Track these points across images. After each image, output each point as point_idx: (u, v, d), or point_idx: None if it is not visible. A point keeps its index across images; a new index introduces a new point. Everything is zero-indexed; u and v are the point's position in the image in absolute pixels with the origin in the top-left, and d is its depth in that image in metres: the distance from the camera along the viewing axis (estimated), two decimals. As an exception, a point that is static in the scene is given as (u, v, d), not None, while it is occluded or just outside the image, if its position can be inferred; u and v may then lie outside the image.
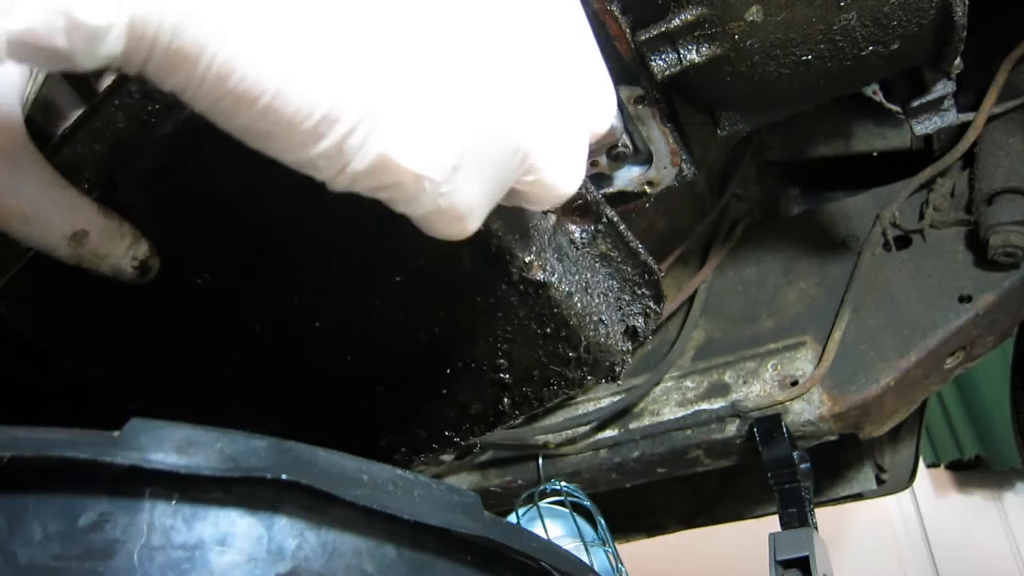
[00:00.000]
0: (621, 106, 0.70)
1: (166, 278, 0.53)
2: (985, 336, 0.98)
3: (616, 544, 1.02)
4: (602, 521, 1.00)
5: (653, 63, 0.67)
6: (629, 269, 0.63)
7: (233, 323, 0.59)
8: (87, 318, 0.59)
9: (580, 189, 0.59)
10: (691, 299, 1.13)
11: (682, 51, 0.67)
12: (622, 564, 0.98)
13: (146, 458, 0.34)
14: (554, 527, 1.02)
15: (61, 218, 0.46)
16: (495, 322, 0.58)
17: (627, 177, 0.76)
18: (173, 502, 0.34)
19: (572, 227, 0.61)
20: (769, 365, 1.02)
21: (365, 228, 0.52)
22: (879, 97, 0.92)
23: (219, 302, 0.58)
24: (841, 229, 1.08)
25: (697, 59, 0.66)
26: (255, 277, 0.57)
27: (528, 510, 1.02)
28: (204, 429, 0.35)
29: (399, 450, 0.67)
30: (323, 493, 0.36)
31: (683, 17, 0.65)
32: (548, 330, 0.58)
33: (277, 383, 0.63)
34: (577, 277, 0.60)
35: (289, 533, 0.36)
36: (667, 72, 0.67)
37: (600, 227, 0.61)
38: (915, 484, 1.35)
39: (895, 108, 0.86)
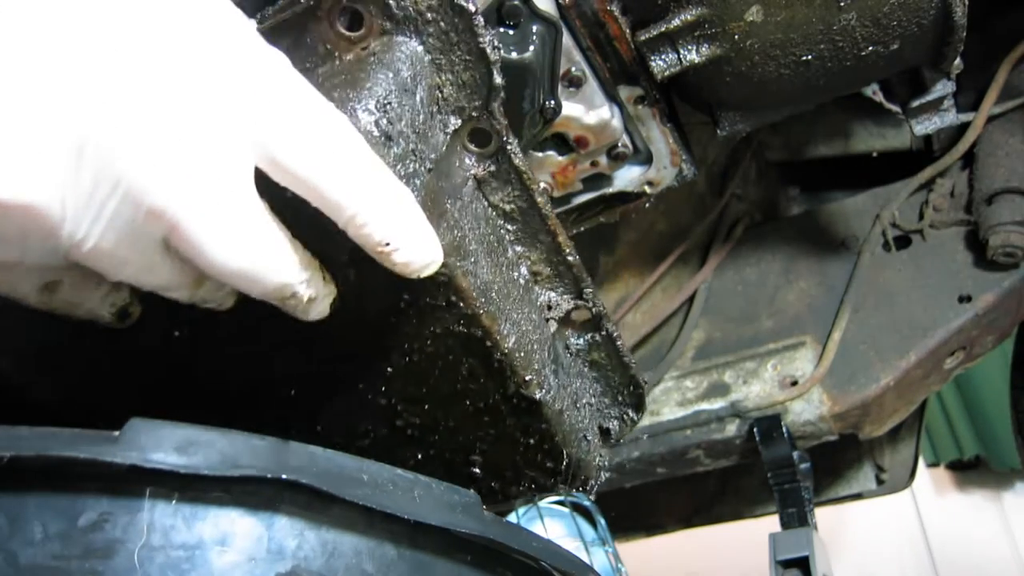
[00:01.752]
0: (621, 106, 0.70)
1: (142, 322, 0.50)
2: (985, 336, 0.98)
3: (616, 544, 1.02)
4: (602, 521, 1.00)
5: (653, 63, 0.67)
6: (617, 378, 0.65)
7: (204, 375, 0.58)
8: (43, 338, 0.55)
9: (587, 302, 0.61)
10: (691, 299, 1.13)
11: (682, 51, 0.67)
12: (622, 564, 0.98)
13: (146, 458, 0.34)
14: (554, 527, 1.02)
15: (31, 268, 0.41)
16: (480, 424, 0.58)
17: (627, 177, 0.76)
18: (173, 502, 0.34)
19: (571, 336, 0.64)
20: (769, 365, 1.02)
21: (362, 316, 0.50)
22: (879, 97, 0.92)
23: (193, 354, 0.56)
24: (841, 229, 1.08)
25: (697, 59, 0.66)
26: (238, 345, 0.55)
27: (528, 510, 1.02)
28: (204, 429, 0.35)
29: None
30: (323, 493, 0.36)
31: (683, 17, 0.65)
32: (532, 441, 0.60)
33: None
34: (568, 390, 0.62)
35: (289, 533, 0.36)
36: (667, 72, 0.67)
37: (599, 338, 0.63)
38: (915, 484, 1.35)
39: (895, 108, 0.86)
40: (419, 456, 0.60)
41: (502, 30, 0.60)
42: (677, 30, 0.65)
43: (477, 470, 0.62)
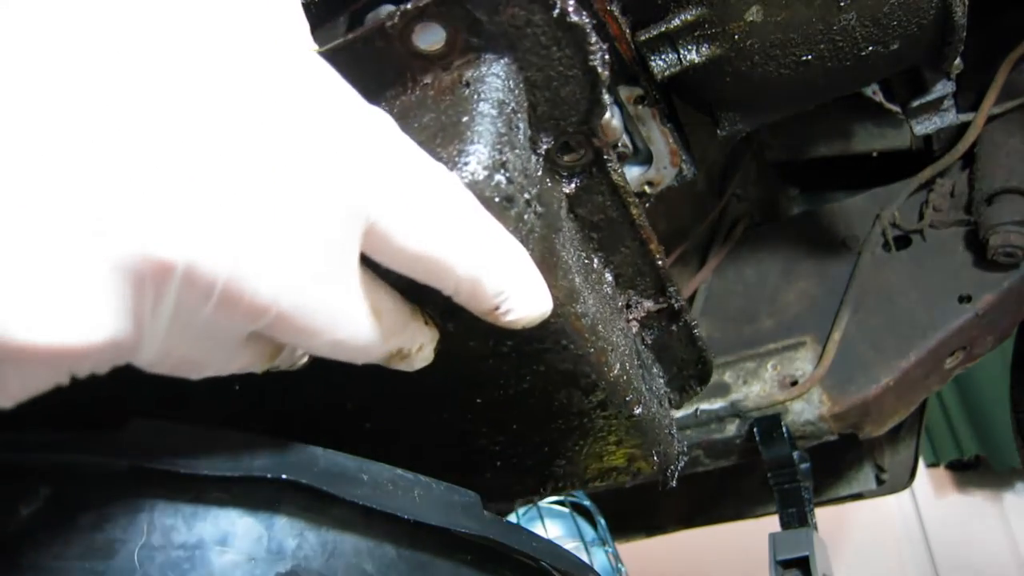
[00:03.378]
0: (621, 106, 0.70)
1: None
2: (985, 336, 0.98)
3: (616, 544, 1.02)
4: (602, 521, 1.00)
5: (653, 63, 0.67)
6: (684, 356, 0.63)
7: (274, 407, 0.54)
8: None
9: (670, 298, 0.58)
10: (691, 299, 1.13)
11: (682, 51, 0.67)
12: (622, 564, 0.98)
13: (146, 458, 0.34)
14: (554, 527, 1.02)
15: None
16: (569, 437, 0.56)
17: (627, 177, 0.76)
18: (173, 502, 0.34)
19: (647, 331, 0.62)
20: (769, 365, 1.02)
21: (454, 360, 0.46)
22: (879, 97, 0.92)
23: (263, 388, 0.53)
24: (841, 229, 1.08)
25: (697, 59, 0.66)
26: (312, 381, 0.53)
27: (528, 510, 1.02)
28: (204, 429, 0.35)
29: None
30: (323, 493, 0.36)
31: (683, 17, 0.65)
32: (621, 448, 0.57)
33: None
34: (654, 390, 0.60)
35: (289, 533, 0.36)
36: (667, 72, 0.67)
37: (675, 328, 0.61)
38: (915, 484, 1.35)
39: (895, 108, 0.86)
40: (498, 464, 0.58)
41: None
42: (677, 30, 0.65)
43: (559, 469, 0.59)
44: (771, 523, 0.97)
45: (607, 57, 0.45)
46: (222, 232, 0.28)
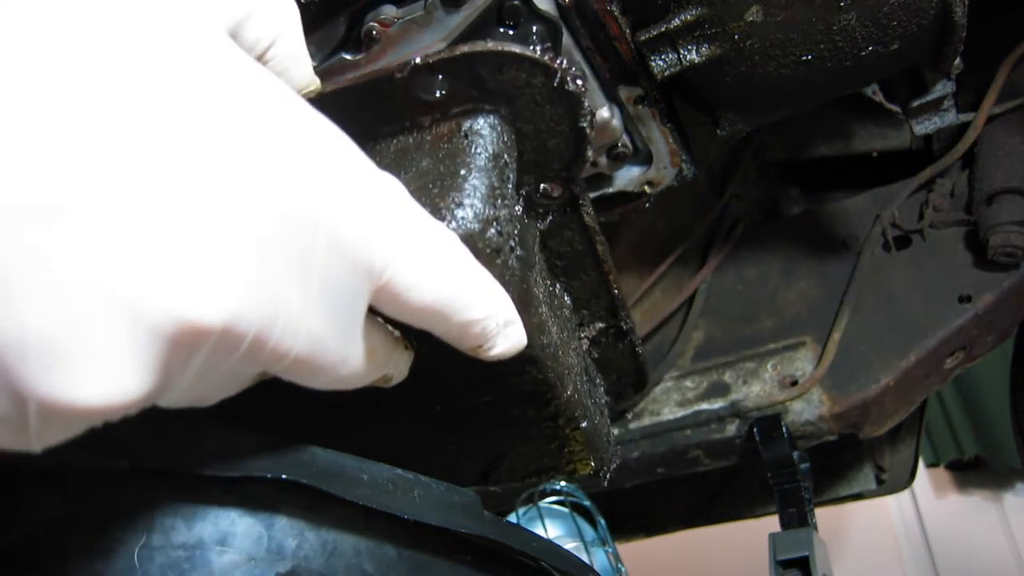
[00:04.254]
0: (621, 106, 0.70)
1: None
2: (985, 336, 0.98)
3: (616, 544, 1.02)
4: (602, 521, 1.00)
5: (653, 63, 0.67)
6: (624, 367, 0.67)
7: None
8: None
9: (620, 321, 0.62)
10: (691, 299, 1.13)
11: (682, 51, 0.67)
12: (622, 564, 0.98)
13: (146, 458, 0.34)
14: (554, 527, 1.02)
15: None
16: (518, 442, 0.59)
17: (627, 177, 0.76)
18: (173, 502, 0.34)
19: (594, 347, 0.66)
20: (769, 365, 1.02)
21: (422, 377, 0.48)
22: (879, 97, 0.92)
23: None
24: (841, 229, 1.08)
25: (697, 59, 0.66)
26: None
27: (528, 510, 1.02)
28: (204, 429, 0.35)
29: None
30: (323, 493, 0.36)
31: (683, 17, 0.65)
32: (565, 451, 0.61)
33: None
34: (596, 401, 0.64)
35: (289, 533, 0.36)
36: (667, 72, 0.67)
37: (621, 346, 0.65)
38: (915, 484, 1.35)
39: (895, 108, 0.86)
40: (445, 460, 0.61)
41: (502, 30, 0.60)
42: (677, 30, 0.65)
43: (504, 466, 0.63)
44: (771, 523, 0.97)
45: (594, 119, 0.49)
46: (254, 293, 0.30)
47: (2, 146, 0.25)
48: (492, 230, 0.44)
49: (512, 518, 1.01)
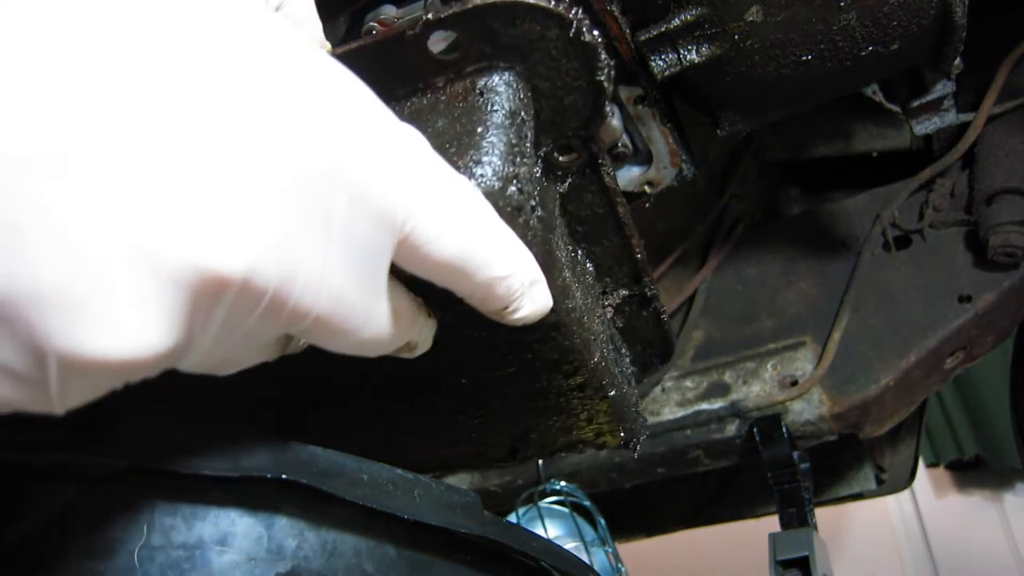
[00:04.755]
0: (621, 106, 0.70)
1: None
2: (985, 336, 0.98)
3: (616, 544, 1.02)
4: (602, 521, 1.00)
5: (653, 63, 0.67)
6: (649, 336, 0.65)
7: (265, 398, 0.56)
8: None
9: (644, 287, 0.61)
10: (691, 299, 1.13)
11: (682, 51, 0.67)
12: (622, 564, 0.98)
13: (146, 458, 0.34)
14: (554, 527, 1.02)
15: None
16: (544, 414, 0.58)
17: (627, 177, 0.76)
18: (173, 502, 0.34)
19: (618, 315, 0.64)
20: (769, 365, 1.02)
21: (445, 350, 0.47)
22: (879, 97, 0.92)
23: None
24: (841, 229, 1.08)
25: (697, 59, 0.66)
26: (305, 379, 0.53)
27: (528, 510, 1.02)
28: (204, 429, 0.35)
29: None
30: (323, 493, 0.36)
31: (683, 17, 0.65)
32: (592, 422, 0.59)
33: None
34: (624, 371, 0.62)
35: (289, 533, 0.36)
36: (667, 72, 0.67)
37: (646, 313, 0.63)
38: (915, 484, 1.35)
39: (895, 108, 0.86)
40: (472, 436, 0.60)
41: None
42: (677, 30, 0.65)
43: (531, 439, 0.61)
44: (771, 523, 0.97)
45: (612, 72, 0.46)
46: (276, 246, 0.29)
47: (11, 90, 0.25)
48: (512, 187, 0.43)
49: (512, 518, 1.01)
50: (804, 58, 0.65)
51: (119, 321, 0.26)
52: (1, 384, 0.26)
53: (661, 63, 0.67)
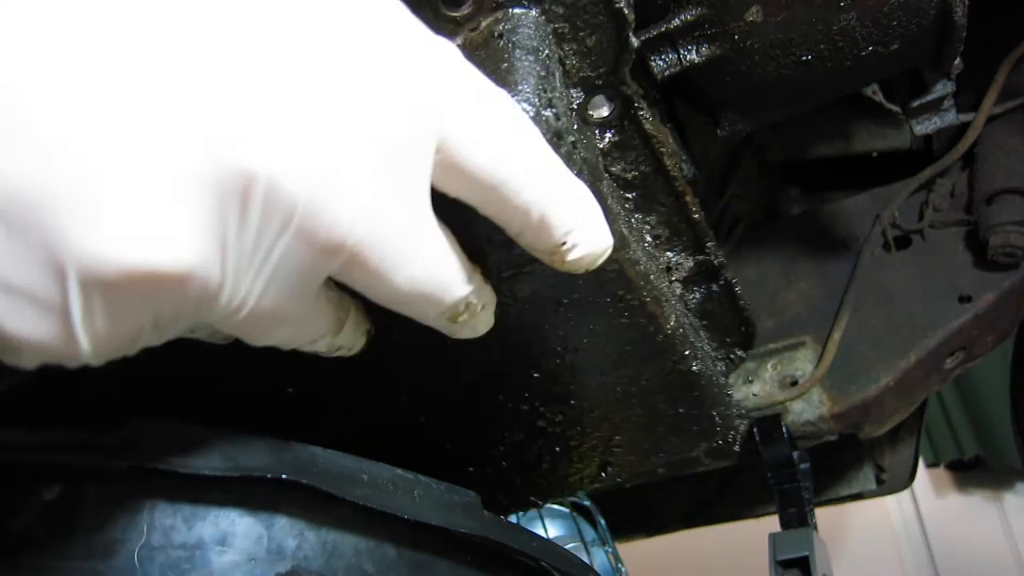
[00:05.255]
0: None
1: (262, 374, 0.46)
2: (985, 336, 0.98)
3: (616, 544, 1.02)
4: (602, 521, 1.00)
5: (653, 63, 0.67)
6: (727, 321, 0.61)
7: (332, 416, 0.53)
8: None
9: (709, 256, 0.55)
10: (691, 299, 1.12)
11: (682, 51, 0.67)
12: (622, 564, 0.98)
13: (146, 458, 0.34)
14: (554, 527, 1.02)
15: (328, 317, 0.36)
16: (628, 407, 0.54)
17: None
18: (173, 502, 0.34)
19: (687, 292, 0.59)
20: (769, 365, 1.02)
21: (508, 328, 0.45)
22: (879, 97, 0.92)
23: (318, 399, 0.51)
24: (841, 229, 1.08)
25: (697, 59, 0.66)
26: (364, 384, 0.50)
27: (528, 510, 1.02)
28: (204, 429, 0.35)
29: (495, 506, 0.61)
30: (323, 493, 0.36)
31: (683, 17, 0.65)
32: (681, 411, 0.56)
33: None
34: (704, 349, 0.58)
35: (289, 533, 0.36)
36: (667, 72, 0.67)
37: (716, 287, 0.59)
38: (915, 484, 1.35)
39: (895, 108, 0.86)
40: (556, 449, 0.56)
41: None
42: (677, 30, 0.65)
43: (619, 449, 0.58)
44: (771, 523, 0.97)
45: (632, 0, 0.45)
46: (301, 147, 0.27)
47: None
48: (548, 112, 0.40)
49: (512, 518, 1.01)
50: (804, 58, 0.65)
51: (142, 222, 0.24)
52: (23, 317, 0.24)
53: (661, 63, 0.67)
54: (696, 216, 0.55)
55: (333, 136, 0.29)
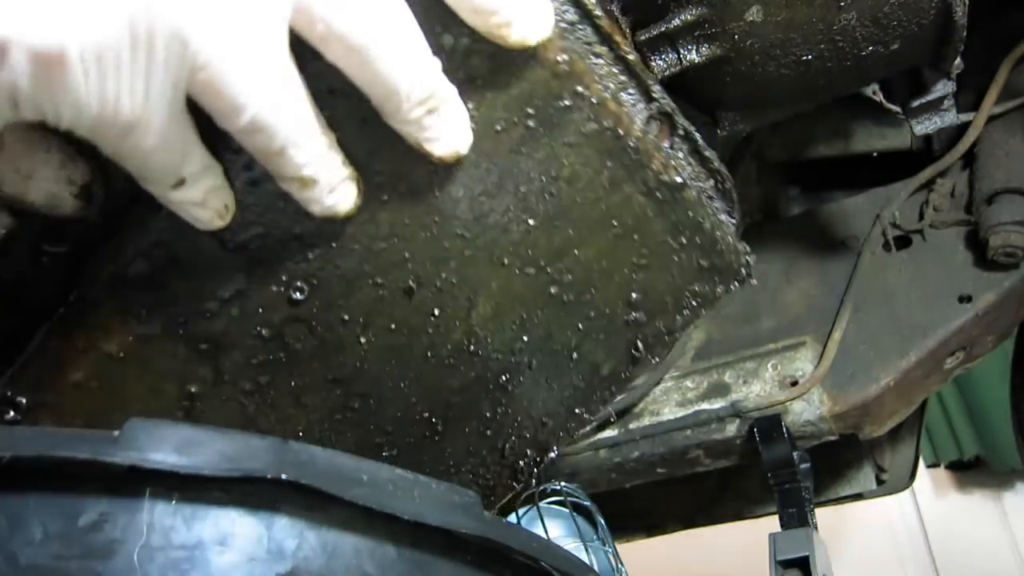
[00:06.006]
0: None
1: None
2: (985, 336, 0.98)
3: (616, 544, 1.02)
4: (602, 521, 1.00)
5: (653, 63, 0.67)
6: (702, 183, 0.58)
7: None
8: None
9: (658, 100, 0.53)
10: (691, 299, 1.12)
11: (682, 51, 0.67)
12: (622, 564, 0.98)
13: (146, 458, 0.34)
14: (554, 527, 1.02)
15: None
16: (632, 245, 0.54)
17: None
18: (173, 502, 0.34)
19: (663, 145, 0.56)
20: (769, 365, 1.02)
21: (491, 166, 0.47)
22: (879, 97, 0.92)
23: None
24: (841, 229, 1.08)
25: (697, 59, 0.66)
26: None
27: (528, 510, 1.02)
28: (203, 429, 0.35)
29: (524, 455, 0.61)
30: (323, 493, 0.36)
31: (683, 17, 0.65)
32: (684, 240, 0.55)
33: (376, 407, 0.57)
34: (681, 164, 0.56)
35: (289, 533, 0.36)
36: (667, 72, 0.67)
37: (677, 138, 0.56)
38: (915, 484, 1.35)
39: (895, 108, 0.86)
40: (580, 326, 0.56)
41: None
42: (677, 30, 0.65)
43: (640, 313, 0.57)
44: (771, 523, 0.97)
45: None
46: None
47: None
48: None
49: (512, 518, 1.01)
50: (804, 58, 0.65)
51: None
52: None
53: (661, 63, 0.67)
54: (630, 57, 0.53)
55: None
